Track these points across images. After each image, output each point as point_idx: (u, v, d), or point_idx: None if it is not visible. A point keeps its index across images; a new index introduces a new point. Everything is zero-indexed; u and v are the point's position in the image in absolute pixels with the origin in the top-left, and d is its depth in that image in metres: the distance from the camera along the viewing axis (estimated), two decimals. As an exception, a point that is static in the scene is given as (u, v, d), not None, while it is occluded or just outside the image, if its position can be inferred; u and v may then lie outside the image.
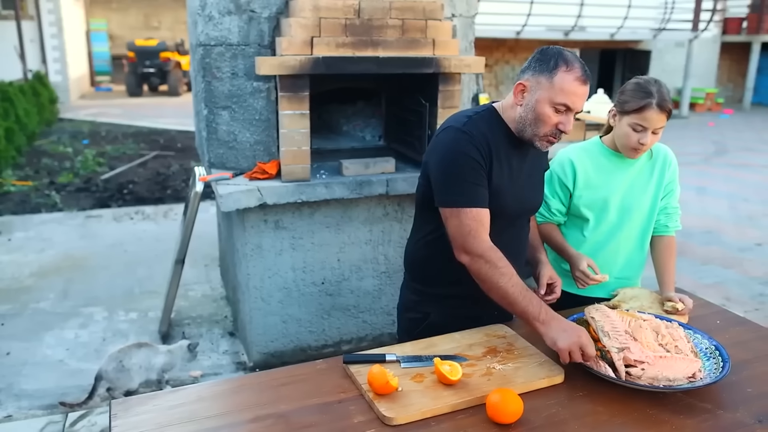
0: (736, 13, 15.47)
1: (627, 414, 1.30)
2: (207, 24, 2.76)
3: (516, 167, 1.61)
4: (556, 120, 1.50)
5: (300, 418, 1.28)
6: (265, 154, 2.95)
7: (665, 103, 1.68)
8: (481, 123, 1.57)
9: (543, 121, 1.50)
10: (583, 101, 1.51)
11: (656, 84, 1.70)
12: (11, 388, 2.88)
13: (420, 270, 1.75)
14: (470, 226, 1.51)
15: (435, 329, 1.70)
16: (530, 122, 1.53)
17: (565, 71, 1.47)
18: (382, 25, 2.77)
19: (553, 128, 1.51)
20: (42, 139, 9.35)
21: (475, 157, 1.51)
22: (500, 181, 1.57)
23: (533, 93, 1.50)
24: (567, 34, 11.79)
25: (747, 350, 1.56)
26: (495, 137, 1.57)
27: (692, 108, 14.51)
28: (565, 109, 1.49)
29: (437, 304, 1.73)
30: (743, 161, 8.81)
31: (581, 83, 1.48)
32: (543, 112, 1.49)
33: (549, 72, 1.48)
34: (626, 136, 1.73)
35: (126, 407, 1.33)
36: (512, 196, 1.60)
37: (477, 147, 1.52)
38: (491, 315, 1.70)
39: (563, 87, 1.46)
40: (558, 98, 1.47)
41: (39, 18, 13.39)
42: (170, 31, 19.63)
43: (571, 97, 1.47)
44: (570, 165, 1.84)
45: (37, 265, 4.41)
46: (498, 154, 1.56)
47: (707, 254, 4.92)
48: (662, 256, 1.89)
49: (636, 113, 1.69)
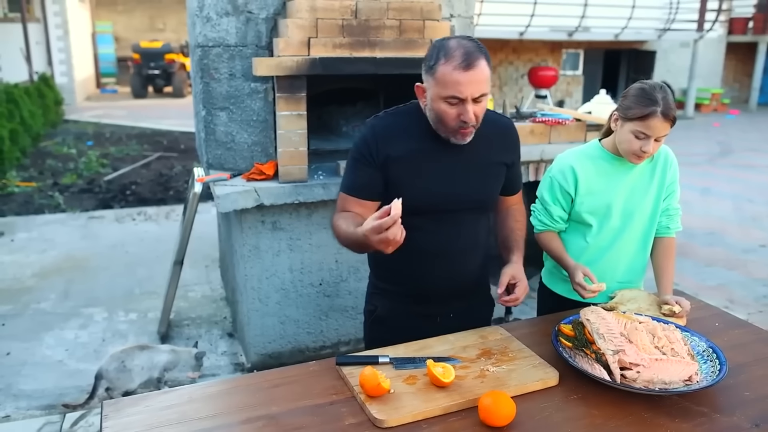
0: (741, 13, 15.38)
1: (622, 417, 1.28)
2: (205, 25, 2.75)
3: (434, 161, 1.57)
4: (454, 113, 1.47)
5: (291, 419, 1.27)
6: (263, 155, 2.95)
7: (670, 111, 1.62)
8: (395, 118, 1.60)
9: (443, 117, 1.49)
10: (476, 86, 1.43)
11: (662, 91, 1.63)
12: (10, 389, 2.88)
13: (371, 262, 1.79)
14: (338, 205, 1.64)
15: (381, 323, 1.74)
16: (435, 121, 1.52)
17: (443, 64, 1.42)
18: (379, 25, 2.76)
19: (458, 121, 1.48)
20: (47, 141, 9.40)
21: (362, 151, 1.58)
22: (403, 175, 1.56)
23: (428, 93, 1.50)
24: (571, 34, 11.75)
25: (746, 353, 1.54)
26: (408, 133, 1.57)
27: (698, 108, 14.43)
28: (457, 100, 1.45)
29: (384, 298, 1.75)
30: (748, 162, 8.75)
31: (462, 70, 1.41)
32: (439, 109, 1.48)
33: (431, 68, 1.46)
34: (628, 143, 1.68)
35: (117, 408, 1.33)
36: (419, 189, 1.57)
37: (368, 142, 1.57)
38: (446, 317, 1.70)
39: (444, 80, 1.43)
40: (444, 92, 1.44)
41: (45, 20, 13.49)
42: (175, 33, 19.71)
43: (456, 87, 1.42)
44: (571, 171, 1.79)
45: (38, 265, 4.42)
46: (404, 147, 1.56)
47: (710, 255, 4.88)
48: (661, 257, 1.87)
49: (639, 121, 1.63)
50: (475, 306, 1.79)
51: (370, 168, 1.57)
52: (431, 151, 1.57)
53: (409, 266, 1.64)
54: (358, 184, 1.59)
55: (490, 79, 1.50)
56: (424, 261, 1.64)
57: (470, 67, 1.41)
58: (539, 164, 3.71)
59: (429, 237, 1.61)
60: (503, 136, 1.68)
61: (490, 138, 1.62)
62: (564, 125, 3.65)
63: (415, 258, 1.62)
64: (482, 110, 1.51)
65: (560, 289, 1.95)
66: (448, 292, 1.69)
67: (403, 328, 1.66)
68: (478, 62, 1.42)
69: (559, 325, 1.56)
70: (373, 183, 1.58)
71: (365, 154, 1.57)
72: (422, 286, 1.66)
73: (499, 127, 1.68)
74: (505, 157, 1.67)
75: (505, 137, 1.69)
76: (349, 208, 1.60)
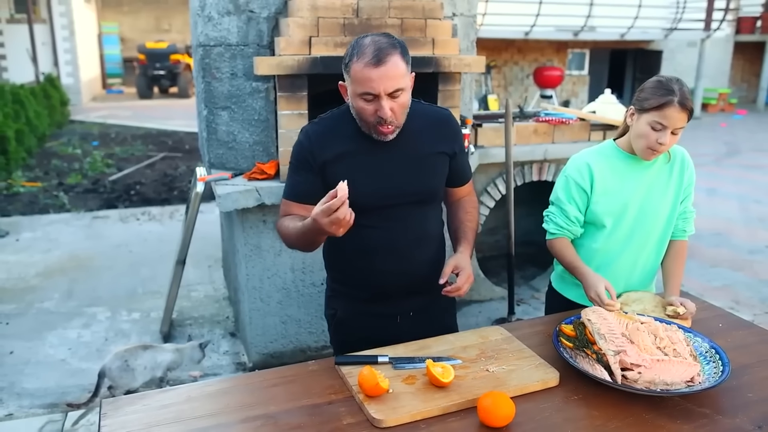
0: (749, 12, 15.28)
1: (622, 418, 1.27)
2: (206, 24, 2.75)
3: (370, 159, 1.57)
4: (371, 109, 1.47)
5: (289, 419, 1.27)
6: (264, 154, 2.95)
7: (687, 101, 1.61)
8: (328, 122, 1.61)
9: (361, 114, 1.50)
10: (388, 82, 1.42)
11: (678, 82, 1.64)
12: (13, 387, 2.89)
13: (326, 264, 1.78)
14: (281, 211, 1.66)
15: (343, 325, 1.74)
16: (357, 118, 1.54)
17: (356, 61, 1.43)
18: (380, 24, 2.75)
19: (374, 116, 1.48)
20: (52, 141, 9.45)
21: (299, 157, 1.60)
22: (339, 176, 1.52)
23: (348, 91, 1.51)
24: (576, 34, 11.71)
25: (749, 354, 1.52)
26: (341, 133, 1.58)
27: (705, 108, 14.35)
28: (372, 96, 1.44)
29: (342, 301, 1.74)
30: (755, 162, 8.68)
31: (372, 67, 1.41)
32: (357, 106, 1.49)
33: (347, 66, 1.47)
34: (645, 136, 1.66)
35: (115, 407, 1.33)
36: (361, 188, 1.53)
37: (304, 147, 1.59)
38: (406, 316, 1.70)
39: (357, 77, 1.44)
40: (359, 89, 1.45)
41: (51, 21, 13.57)
42: (181, 34, 19.78)
43: (368, 83, 1.42)
44: (587, 168, 1.77)
45: (42, 265, 4.44)
46: (339, 149, 1.57)
47: (716, 256, 4.84)
48: (672, 259, 1.85)
49: (656, 110, 1.62)
50: (435, 303, 1.74)
51: (309, 173, 1.58)
52: (366, 150, 1.57)
53: (361, 264, 1.64)
54: (299, 190, 1.61)
55: (407, 75, 1.49)
56: (374, 258, 1.63)
57: (381, 63, 1.41)
58: (542, 164, 3.70)
59: (376, 233, 1.60)
60: (440, 126, 1.66)
61: (425, 130, 1.62)
62: (567, 125, 3.63)
63: (365, 256, 1.62)
64: (401, 106, 1.50)
65: (571, 294, 1.92)
66: (403, 288, 1.67)
67: (364, 329, 1.66)
68: (389, 58, 1.42)
69: (560, 326, 1.55)
70: (313, 187, 1.58)
71: (302, 160, 1.59)
72: (376, 285, 1.65)
73: (436, 118, 1.66)
74: (444, 147, 1.65)
75: (441, 127, 1.66)
76: (292, 212, 1.61)
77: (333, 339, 1.83)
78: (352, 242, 1.57)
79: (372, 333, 1.62)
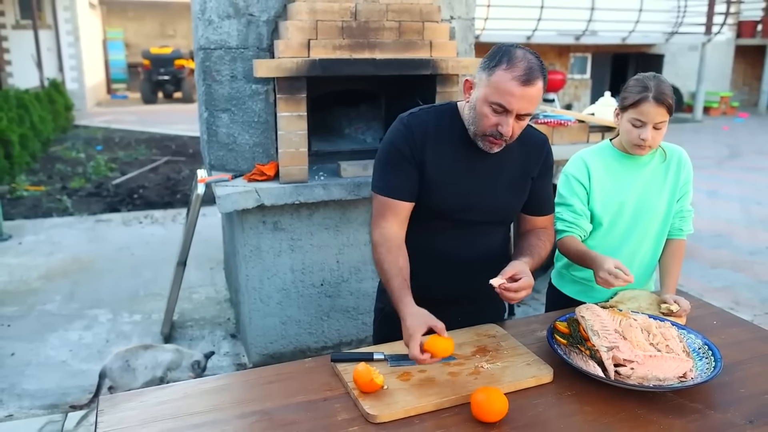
0: (750, 16, 15.30)
1: (614, 414, 1.27)
2: (207, 28, 2.78)
3: (466, 166, 1.55)
4: (494, 120, 1.43)
5: (284, 415, 1.28)
6: (264, 155, 2.97)
7: (662, 96, 1.66)
8: (430, 117, 1.56)
9: (481, 120, 1.45)
10: (525, 103, 1.40)
11: (655, 79, 1.69)
12: (14, 388, 2.91)
13: None
14: (377, 210, 1.56)
15: (389, 322, 1.70)
16: (472, 120, 1.49)
17: (504, 70, 1.39)
18: (378, 27, 2.77)
19: (493, 129, 1.44)
20: (56, 145, 9.50)
21: (401, 149, 1.52)
22: (435, 177, 1.53)
23: (476, 90, 1.46)
24: (578, 38, 11.73)
25: (742, 351, 1.53)
26: (442, 132, 1.54)
27: (706, 112, 14.34)
28: (502, 109, 1.41)
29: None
30: (757, 165, 8.68)
31: (519, 84, 1.38)
32: (481, 111, 1.44)
33: (489, 69, 1.42)
34: (627, 132, 1.73)
35: (113, 403, 1.34)
36: (449, 193, 1.54)
37: (407, 139, 1.52)
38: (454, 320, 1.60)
39: (498, 86, 1.39)
40: (492, 97, 1.41)
41: (56, 27, 13.67)
42: (185, 39, 19.89)
43: (506, 97, 1.39)
44: (583, 164, 1.83)
45: (45, 267, 4.47)
46: (439, 149, 1.53)
47: (717, 257, 4.84)
48: (669, 258, 1.87)
49: (633, 107, 1.69)
50: (484, 311, 1.73)
51: (409, 166, 1.52)
52: (465, 158, 1.54)
53: (421, 267, 1.59)
54: (397, 185, 1.53)
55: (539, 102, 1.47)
56: (435, 264, 1.61)
57: (529, 83, 1.38)
58: (542, 166, 3.70)
59: (445, 241, 1.58)
60: (535, 150, 1.63)
61: (522, 152, 1.59)
62: (566, 126, 3.64)
63: (427, 260, 1.60)
64: (521, 129, 1.48)
65: (569, 291, 1.95)
66: (459, 298, 1.67)
67: None
68: (536, 81, 1.40)
69: (555, 323, 1.56)
70: (411, 182, 1.53)
71: (403, 151, 1.51)
72: (430, 289, 1.61)
73: (533, 141, 1.63)
74: (533, 171, 1.62)
75: (535, 151, 1.63)
76: (388, 216, 1.53)
77: (376, 333, 1.82)
78: (418, 244, 1.56)
79: None
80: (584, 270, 1.89)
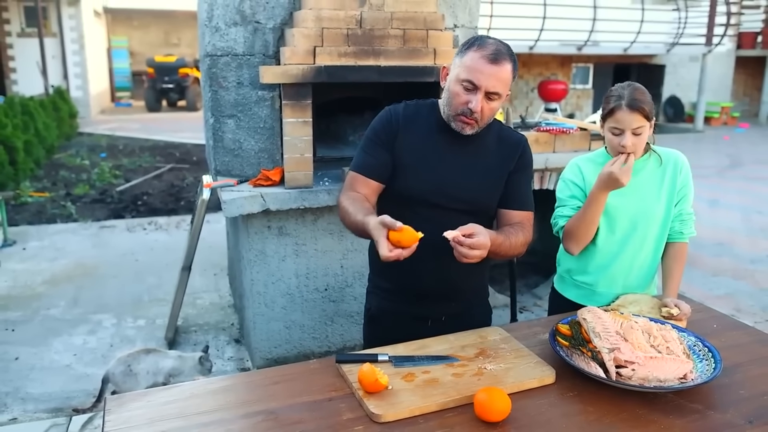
0: (750, 28, 15.39)
1: (616, 414, 1.29)
2: (214, 35, 2.83)
3: (441, 155, 1.62)
4: (464, 98, 1.52)
5: (289, 414, 1.29)
6: (270, 161, 3.00)
7: (635, 102, 1.69)
8: (410, 107, 1.67)
9: (452, 98, 1.55)
10: (494, 81, 1.50)
11: (629, 87, 1.73)
12: (18, 392, 2.93)
13: (370, 255, 1.81)
14: (347, 183, 1.66)
15: (375, 322, 1.76)
16: (446, 101, 1.58)
17: (474, 50, 1.51)
18: (383, 35, 2.81)
19: (464, 107, 1.53)
20: (61, 152, 9.56)
21: (378, 133, 1.64)
22: (410, 162, 1.60)
23: (451, 73, 1.58)
24: (580, 48, 11.80)
25: (742, 353, 1.54)
26: (420, 121, 1.64)
27: (707, 122, 14.38)
28: (472, 86, 1.50)
29: (378, 297, 1.77)
30: (758, 174, 8.70)
31: (487, 62, 1.48)
32: (453, 90, 1.54)
33: (462, 53, 1.54)
34: (609, 141, 1.77)
35: (119, 403, 1.35)
36: (423, 179, 1.61)
37: (385, 124, 1.63)
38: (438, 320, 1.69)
39: (468, 64, 1.50)
40: (463, 74, 1.51)
41: (62, 35, 13.79)
42: (189, 48, 20.04)
43: (475, 74, 1.49)
44: (578, 168, 1.88)
45: (49, 273, 4.49)
46: (415, 135, 1.62)
47: (718, 266, 4.85)
48: (671, 261, 1.88)
49: (610, 116, 1.74)
50: (469, 312, 1.76)
51: (383, 150, 1.62)
52: (440, 145, 1.62)
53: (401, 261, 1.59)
54: (369, 164, 1.63)
55: (509, 87, 1.55)
56: (419, 256, 1.61)
57: (496, 61, 1.49)
58: (544, 173, 3.73)
59: (423, 228, 1.58)
60: (512, 147, 1.69)
61: (499, 148, 1.67)
62: (568, 134, 3.68)
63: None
64: (490, 110, 1.55)
65: (572, 295, 1.97)
66: (438, 292, 1.70)
67: (395, 329, 1.67)
68: (504, 62, 1.50)
69: (557, 325, 1.58)
70: (382, 164, 1.62)
71: (380, 134, 1.63)
72: (413, 284, 1.67)
73: (511, 140, 1.70)
74: (509, 165, 1.67)
75: (513, 149, 1.69)
76: (356, 187, 1.63)
77: (365, 334, 1.86)
78: None
79: (401, 333, 1.61)
80: (586, 274, 1.92)
